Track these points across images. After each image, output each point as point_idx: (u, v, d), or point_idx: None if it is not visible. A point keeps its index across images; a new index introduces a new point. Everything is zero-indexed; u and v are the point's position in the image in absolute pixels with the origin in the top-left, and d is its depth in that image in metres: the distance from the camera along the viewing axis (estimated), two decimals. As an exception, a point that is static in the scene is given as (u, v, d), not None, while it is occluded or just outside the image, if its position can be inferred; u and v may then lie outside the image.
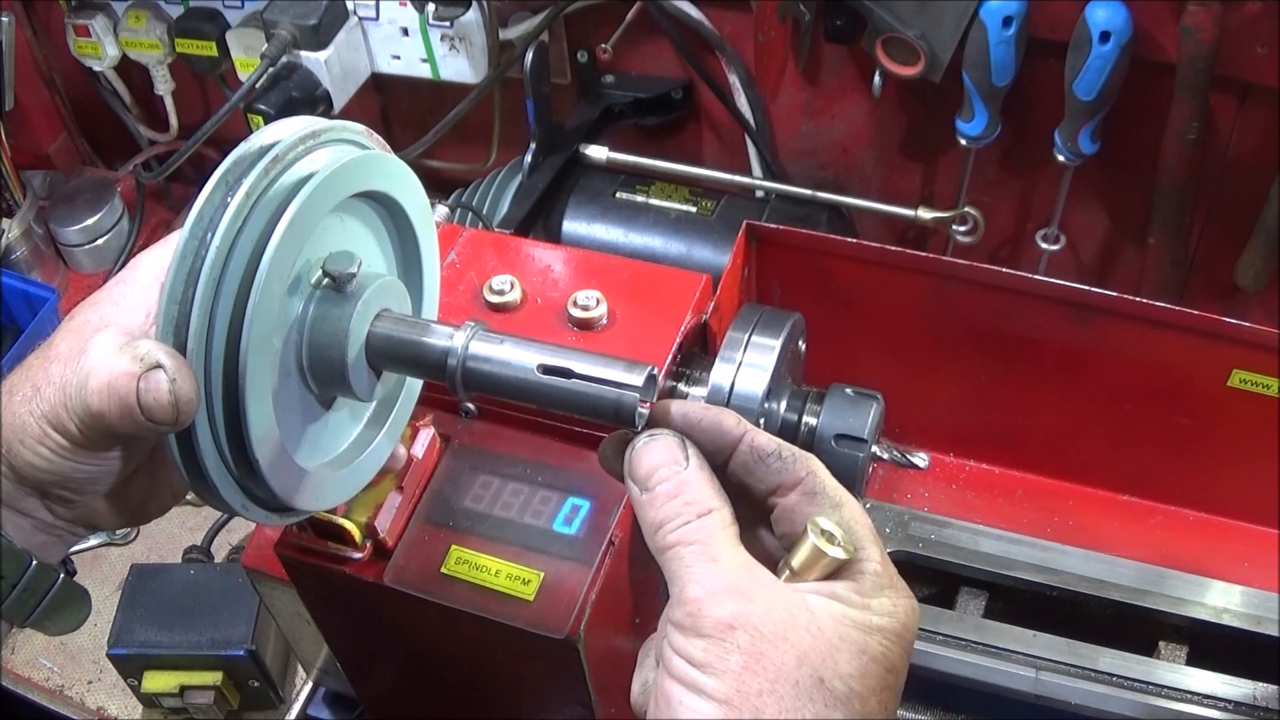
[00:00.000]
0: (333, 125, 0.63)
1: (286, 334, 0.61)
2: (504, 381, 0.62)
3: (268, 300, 0.57)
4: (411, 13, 1.49)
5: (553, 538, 0.79)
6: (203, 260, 0.55)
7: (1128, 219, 1.46)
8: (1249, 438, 0.98)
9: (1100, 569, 0.99)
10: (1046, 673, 0.92)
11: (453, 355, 0.62)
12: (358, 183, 0.62)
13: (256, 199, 0.57)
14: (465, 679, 0.92)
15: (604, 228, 1.45)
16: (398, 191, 0.66)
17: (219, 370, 0.57)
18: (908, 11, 1.31)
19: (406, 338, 0.63)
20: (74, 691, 1.33)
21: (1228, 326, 0.92)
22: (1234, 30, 1.19)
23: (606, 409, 0.61)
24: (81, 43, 1.66)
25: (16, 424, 0.59)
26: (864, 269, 1.00)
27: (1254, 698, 0.91)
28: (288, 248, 0.57)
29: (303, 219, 0.58)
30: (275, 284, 0.57)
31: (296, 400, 0.64)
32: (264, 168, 0.57)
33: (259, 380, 0.58)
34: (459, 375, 0.62)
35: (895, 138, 1.52)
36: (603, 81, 1.59)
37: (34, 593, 0.65)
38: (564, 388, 0.61)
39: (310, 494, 0.65)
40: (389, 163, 0.66)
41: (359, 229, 0.66)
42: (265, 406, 0.59)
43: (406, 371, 0.67)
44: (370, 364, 0.64)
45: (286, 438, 0.62)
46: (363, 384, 0.64)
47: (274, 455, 0.60)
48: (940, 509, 1.05)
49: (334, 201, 0.60)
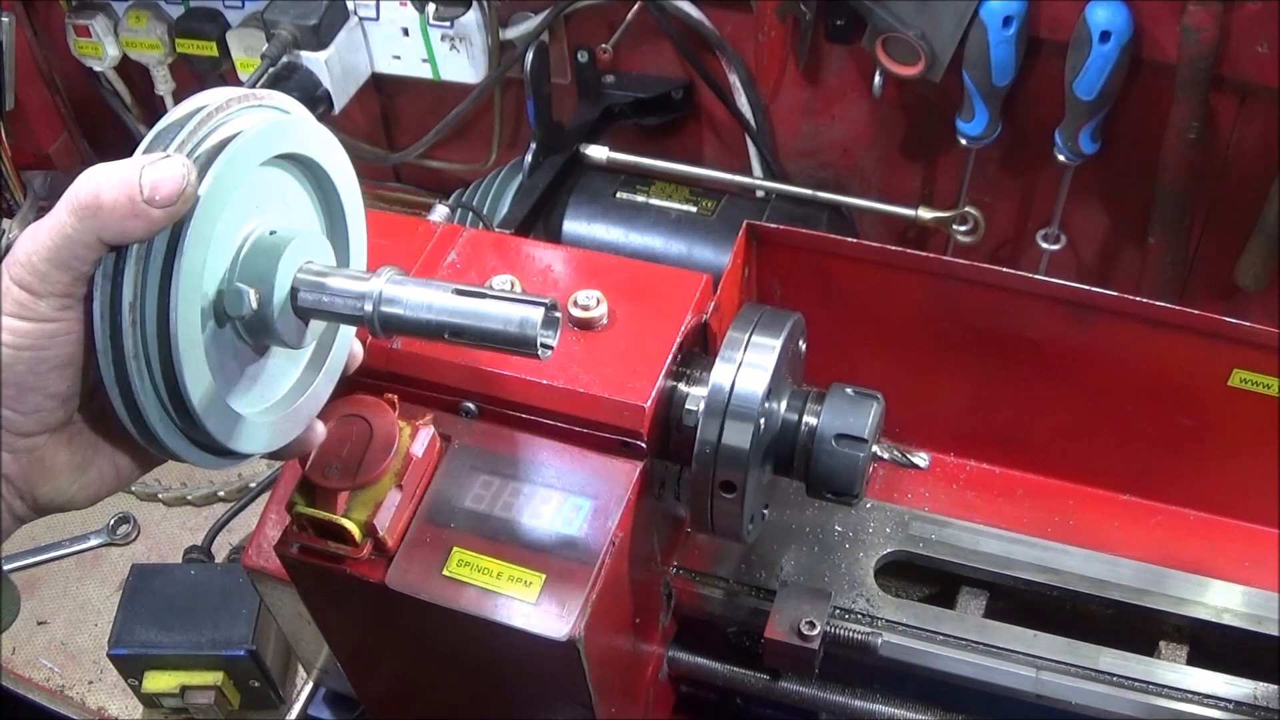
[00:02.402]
0: (258, 93, 0.66)
1: (218, 285, 0.65)
2: (417, 311, 0.66)
3: (196, 247, 0.60)
4: (412, 13, 1.49)
5: (553, 538, 0.79)
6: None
7: (1128, 219, 1.46)
8: (1249, 438, 0.98)
9: (1101, 569, 0.99)
10: (1047, 673, 0.92)
11: (369, 299, 0.66)
12: (283, 143, 0.65)
13: (197, 144, 0.61)
14: (466, 679, 0.92)
15: (604, 228, 1.45)
16: (321, 155, 0.69)
17: (153, 320, 0.60)
18: (908, 11, 1.31)
19: (327, 285, 0.67)
20: (75, 692, 1.33)
21: (1228, 326, 0.92)
22: (1234, 30, 1.20)
23: (511, 332, 0.65)
24: (82, 43, 1.66)
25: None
26: (864, 269, 1.00)
27: (1254, 697, 0.91)
28: (214, 199, 0.61)
29: (230, 173, 0.61)
30: (203, 232, 0.61)
31: (230, 349, 0.67)
32: (193, 127, 0.61)
33: (190, 328, 0.61)
34: (376, 316, 0.66)
35: (895, 138, 1.52)
36: (603, 81, 1.59)
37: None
38: (475, 310, 0.65)
39: (250, 437, 0.68)
40: (312, 127, 0.69)
41: (289, 188, 0.70)
42: (197, 352, 0.62)
43: (330, 318, 0.70)
44: (297, 313, 0.68)
45: (222, 384, 0.66)
46: (290, 332, 0.68)
47: (209, 400, 0.64)
48: (940, 509, 1.05)
49: (260, 158, 0.64)
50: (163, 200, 0.58)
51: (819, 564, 1.01)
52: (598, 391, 0.82)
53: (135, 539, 1.48)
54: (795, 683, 0.98)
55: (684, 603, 0.99)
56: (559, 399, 0.83)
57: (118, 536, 1.47)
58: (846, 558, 1.01)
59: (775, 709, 1.04)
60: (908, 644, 0.94)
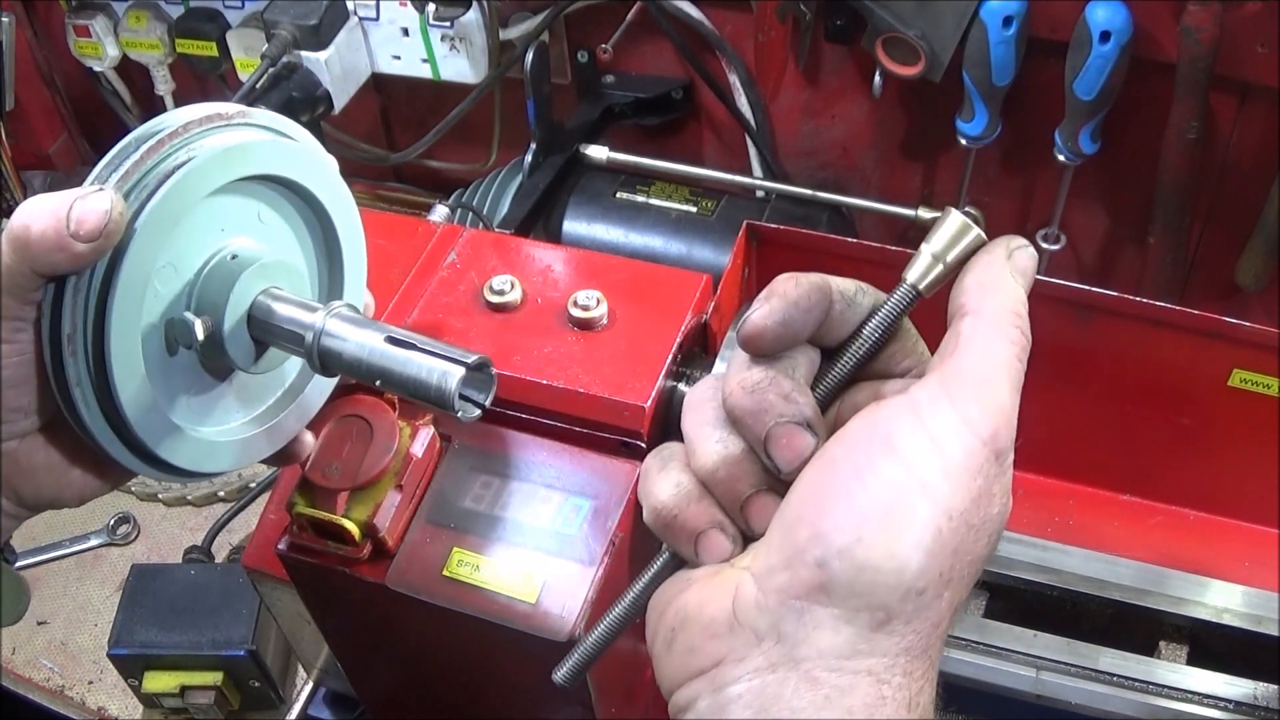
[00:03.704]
0: (230, 111, 0.65)
1: (166, 312, 0.64)
2: (353, 352, 0.65)
3: (133, 278, 0.60)
4: (412, 13, 1.49)
5: (553, 538, 0.79)
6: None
7: (1128, 219, 1.46)
8: (1249, 438, 0.98)
9: (1100, 569, 0.99)
10: (1047, 672, 0.92)
11: (311, 330, 0.65)
12: (247, 166, 0.64)
13: (145, 174, 0.60)
14: (466, 679, 0.92)
15: (604, 228, 1.45)
16: (305, 176, 0.68)
17: (94, 351, 0.60)
18: (908, 11, 1.31)
19: (276, 312, 0.66)
20: (74, 692, 1.33)
21: (1228, 326, 0.92)
22: (1234, 30, 1.19)
23: (430, 385, 0.63)
24: (82, 43, 1.66)
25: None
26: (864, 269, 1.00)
27: (1255, 697, 0.91)
28: (153, 230, 0.60)
29: (172, 203, 0.60)
30: (141, 263, 0.60)
31: (191, 373, 0.67)
32: (140, 155, 0.60)
33: (127, 359, 0.61)
34: (316, 350, 0.65)
35: (895, 138, 1.52)
36: (603, 81, 1.59)
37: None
38: (400, 358, 0.64)
39: (218, 458, 0.68)
40: (289, 148, 0.67)
41: (268, 212, 0.68)
42: (137, 384, 0.62)
43: (278, 344, 0.69)
44: (252, 336, 0.67)
45: (182, 410, 0.66)
46: (243, 356, 0.67)
47: (158, 429, 0.64)
48: (940, 509, 1.05)
49: (214, 183, 0.63)
50: (87, 235, 0.57)
51: (819, 564, 1.01)
52: (597, 391, 0.82)
53: (135, 539, 1.48)
54: (795, 683, 0.98)
55: (684, 603, 0.99)
56: (559, 399, 0.83)
57: (118, 536, 1.47)
58: (846, 558, 1.01)
59: (775, 709, 1.03)
60: (908, 644, 0.94)
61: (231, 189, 0.65)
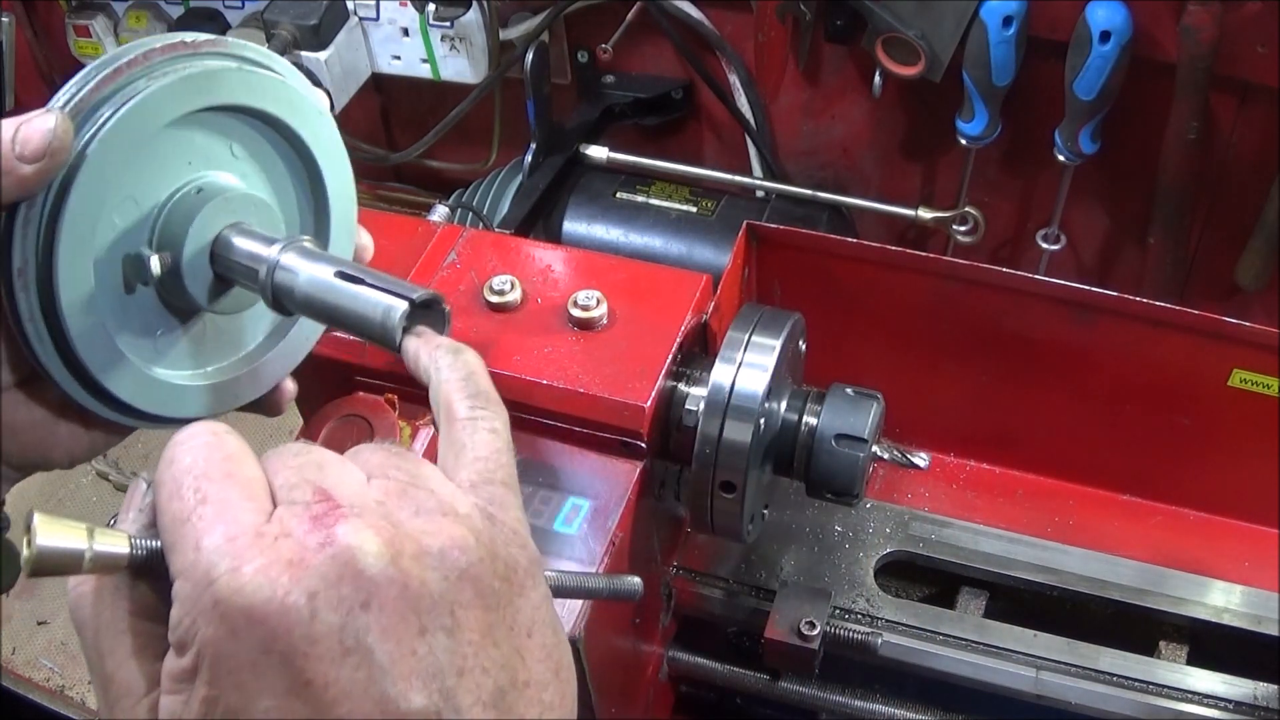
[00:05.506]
0: (214, 40, 0.63)
1: (127, 246, 0.62)
2: (305, 288, 0.62)
3: (83, 207, 0.58)
4: (412, 13, 1.49)
5: (553, 538, 0.79)
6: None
7: (1128, 219, 1.46)
8: (1249, 438, 0.98)
9: (1100, 569, 0.99)
10: (1047, 673, 0.92)
11: (265, 264, 0.62)
12: (212, 96, 0.61)
13: (100, 101, 0.58)
14: (466, 679, 0.92)
15: (604, 228, 1.45)
16: (279, 106, 0.65)
17: (44, 285, 0.58)
18: (908, 11, 1.31)
19: (236, 246, 0.63)
20: (74, 692, 1.33)
21: (1228, 326, 0.92)
22: (1234, 30, 1.20)
23: (374, 321, 0.60)
24: (82, 43, 1.66)
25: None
26: (864, 269, 1.00)
27: (1254, 698, 0.91)
28: (105, 156, 0.58)
29: (126, 128, 0.58)
30: (90, 191, 0.58)
31: (153, 313, 0.64)
32: (97, 82, 0.58)
33: (77, 293, 0.59)
34: (270, 285, 0.62)
35: (895, 138, 1.52)
36: (603, 81, 1.59)
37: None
38: (349, 293, 0.61)
39: (188, 403, 0.65)
40: (269, 82, 0.64)
41: (241, 145, 0.66)
42: (89, 319, 0.60)
43: (239, 280, 0.66)
44: (215, 271, 0.64)
45: (144, 350, 0.63)
46: (198, 286, 0.64)
47: (114, 369, 0.61)
48: (940, 509, 1.05)
49: (174, 112, 0.60)
50: (31, 155, 0.55)
51: (819, 564, 1.01)
52: (598, 391, 0.82)
53: (135, 539, 1.48)
54: (795, 683, 0.98)
55: (684, 603, 0.99)
56: (559, 399, 0.83)
57: (117, 536, 1.47)
58: (846, 558, 1.01)
59: (775, 709, 1.04)
60: (908, 644, 0.94)
61: (197, 121, 0.62)
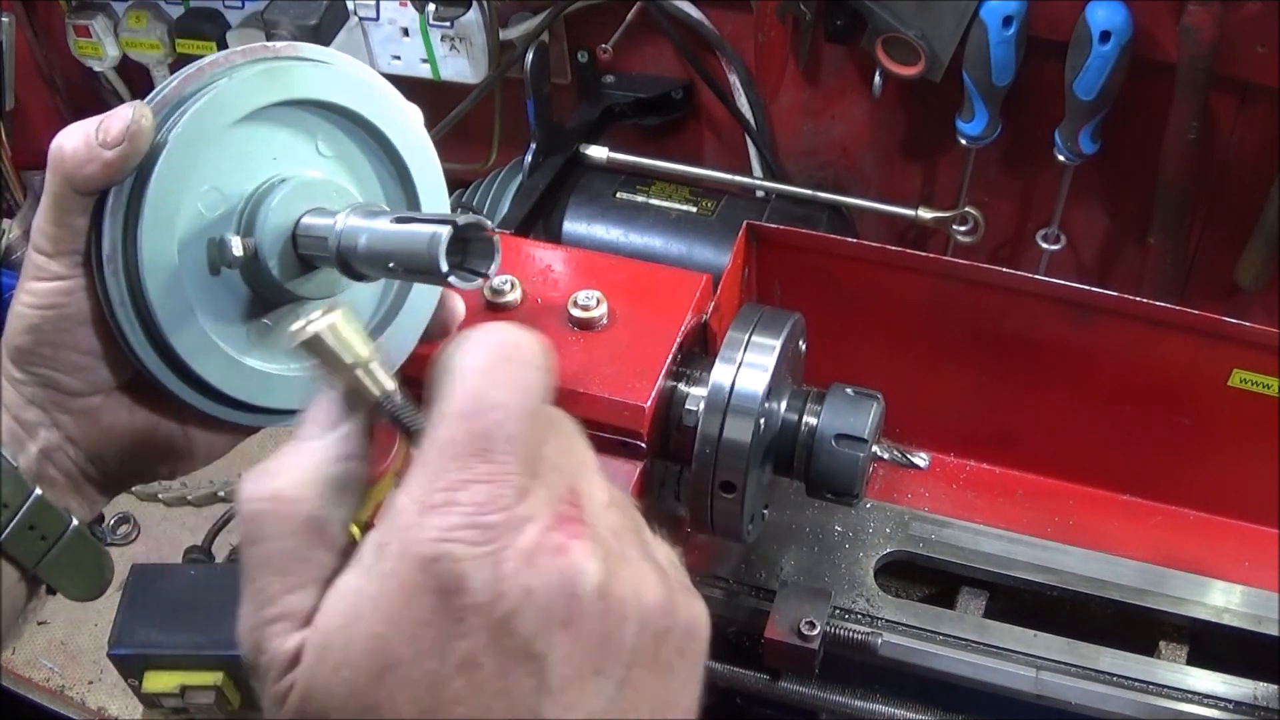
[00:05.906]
0: (294, 45, 0.66)
1: (225, 222, 0.64)
2: (364, 244, 0.63)
3: (163, 191, 0.61)
4: (412, 13, 1.49)
5: (553, 538, 0.79)
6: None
7: (1128, 219, 1.46)
8: (1249, 438, 0.98)
9: (1100, 569, 0.99)
10: (1047, 673, 0.92)
11: (332, 232, 0.64)
12: (286, 91, 0.64)
13: (183, 98, 0.63)
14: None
15: (604, 228, 1.45)
16: (371, 112, 0.68)
17: (133, 270, 0.61)
18: (908, 11, 1.31)
19: (310, 224, 0.65)
20: (74, 692, 1.33)
21: (1228, 326, 0.92)
22: (1234, 30, 1.19)
23: (422, 252, 0.60)
24: (82, 43, 1.66)
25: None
26: (864, 269, 1.00)
27: (1254, 698, 0.91)
28: (184, 144, 0.61)
29: (203, 118, 0.62)
30: (170, 176, 0.61)
31: (234, 289, 0.66)
32: (179, 82, 0.63)
33: (162, 276, 0.61)
34: (338, 249, 0.63)
35: (895, 138, 1.52)
36: (603, 81, 1.59)
37: (42, 533, 0.64)
38: (402, 233, 0.61)
39: (280, 392, 0.67)
40: (345, 78, 0.67)
41: (326, 140, 0.68)
42: (176, 302, 0.62)
43: (318, 259, 0.67)
44: (298, 255, 0.66)
45: (234, 337, 0.65)
46: (280, 267, 0.65)
47: (205, 353, 0.63)
48: (940, 509, 1.05)
49: (248, 106, 0.63)
50: (113, 140, 0.59)
51: (819, 564, 1.01)
52: (597, 391, 0.82)
53: (135, 539, 1.48)
54: (795, 683, 0.98)
55: (684, 603, 0.99)
56: (559, 399, 0.83)
57: (118, 536, 1.47)
58: (846, 558, 1.01)
59: (775, 709, 1.04)
60: (908, 644, 0.94)
61: (280, 118, 0.65)
